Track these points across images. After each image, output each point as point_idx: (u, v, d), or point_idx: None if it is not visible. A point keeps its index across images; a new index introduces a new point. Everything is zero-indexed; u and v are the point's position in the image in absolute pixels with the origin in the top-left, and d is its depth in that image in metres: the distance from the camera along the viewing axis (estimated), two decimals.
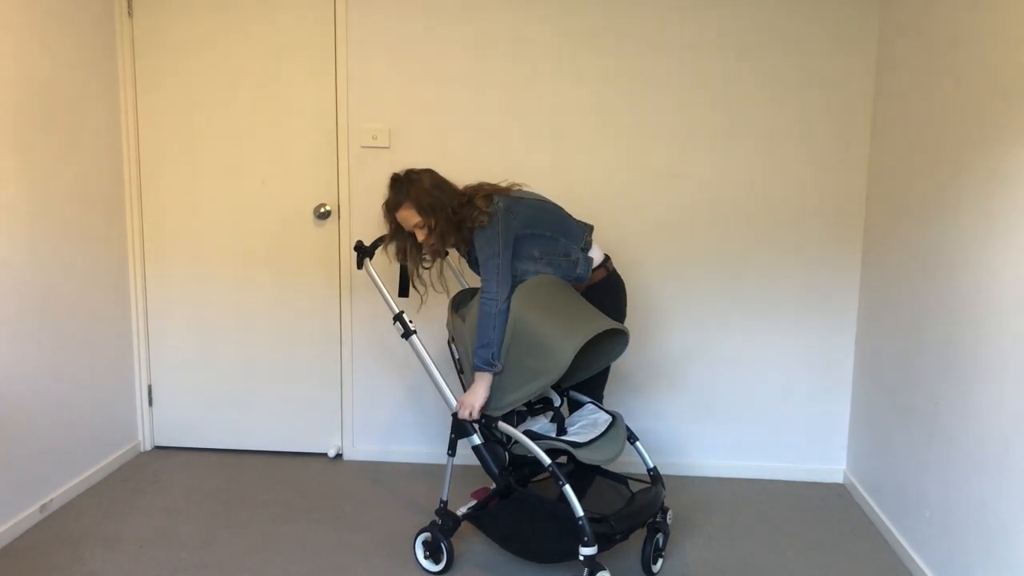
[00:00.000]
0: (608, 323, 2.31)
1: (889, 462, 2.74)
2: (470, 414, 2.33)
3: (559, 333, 2.21)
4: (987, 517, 2.05)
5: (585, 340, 2.20)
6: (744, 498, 3.06)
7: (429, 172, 2.50)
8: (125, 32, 3.19)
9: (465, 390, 2.43)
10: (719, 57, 3.04)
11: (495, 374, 2.31)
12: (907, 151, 2.66)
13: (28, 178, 2.66)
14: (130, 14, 3.20)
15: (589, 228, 2.61)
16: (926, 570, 2.40)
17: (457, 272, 2.90)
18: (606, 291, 2.60)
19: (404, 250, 2.58)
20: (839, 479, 3.23)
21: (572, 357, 2.17)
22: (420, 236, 2.50)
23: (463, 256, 2.63)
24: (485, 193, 2.44)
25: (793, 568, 2.53)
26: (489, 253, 2.35)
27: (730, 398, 3.24)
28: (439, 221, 2.43)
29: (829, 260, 3.11)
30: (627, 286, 3.07)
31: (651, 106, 3.08)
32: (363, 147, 3.19)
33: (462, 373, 2.48)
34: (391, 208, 2.49)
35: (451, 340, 2.52)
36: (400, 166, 3.16)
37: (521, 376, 2.26)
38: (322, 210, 3.24)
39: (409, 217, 2.46)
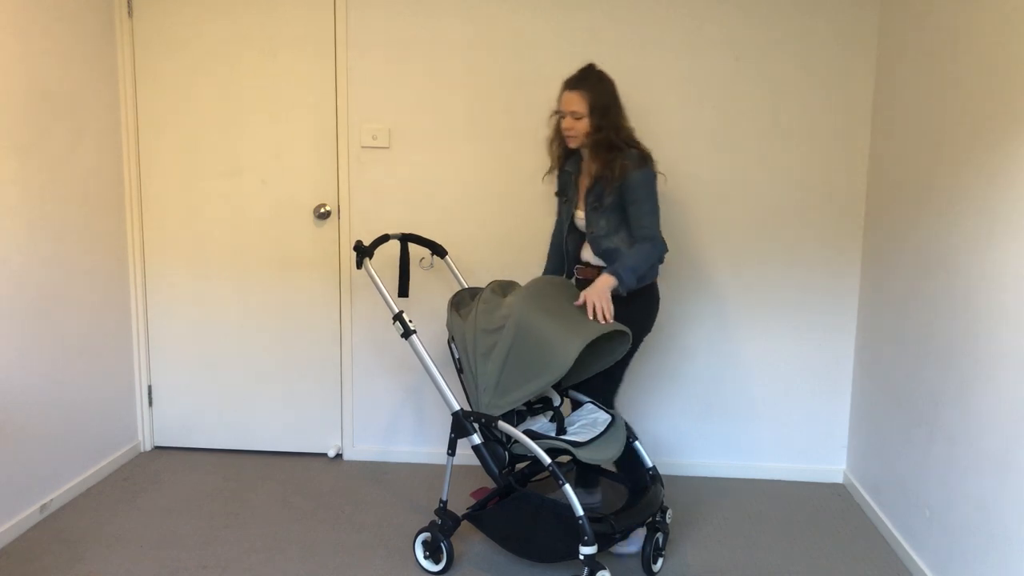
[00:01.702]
0: (611, 324, 2.31)
1: (889, 462, 2.74)
2: (604, 309, 2.30)
3: (562, 333, 2.21)
4: (987, 517, 2.05)
5: (588, 340, 2.20)
6: (744, 498, 3.06)
7: (614, 84, 2.53)
8: (125, 32, 3.20)
9: (466, 390, 2.44)
10: (719, 57, 3.04)
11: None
12: (907, 151, 2.66)
13: (28, 178, 2.66)
14: (130, 14, 3.20)
15: None
16: (926, 570, 2.40)
17: (456, 272, 2.91)
18: (652, 298, 2.57)
19: (555, 147, 2.65)
20: (839, 479, 3.23)
21: (575, 356, 2.17)
22: (567, 123, 2.49)
23: (567, 187, 2.64)
24: (642, 147, 2.48)
25: (793, 568, 2.53)
26: (650, 200, 2.41)
27: (730, 398, 3.23)
28: (598, 127, 2.44)
29: (829, 260, 3.11)
30: None
31: (651, 106, 3.08)
32: (363, 147, 3.19)
33: (462, 373, 2.48)
34: (567, 85, 2.50)
35: (451, 340, 2.52)
36: (400, 166, 3.20)
37: (523, 375, 2.26)
38: (322, 210, 3.24)
39: (574, 102, 2.46)
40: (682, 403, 3.25)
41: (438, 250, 2.91)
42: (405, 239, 2.79)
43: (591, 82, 2.47)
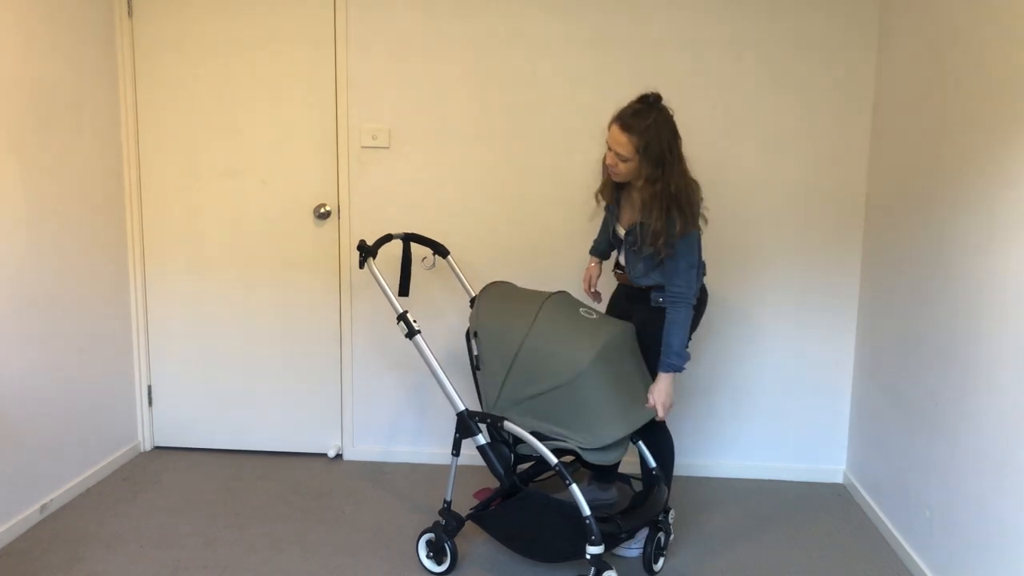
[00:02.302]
0: (657, 414, 2.33)
1: (889, 462, 2.75)
2: (666, 408, 2.33)
3: (613, 411, 2.20)
4: (987, 517, 2.06)
5: (633, 429, 2.22)
6: (744, 498, 3.07)
7: (673, 124, 2.23)
8: (125, 32, 3.19)
9: (478, 389, 2.42)
10: (719, 57, 3.05)
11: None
12: (907, 151, 2.67)
13: (28, 178, 2.65)
14: (130, 14, 3.20)
15: None
16: (926, 570, 2.41)
17: (458, 272, 2.90)
18: (700, 303, 2.52)
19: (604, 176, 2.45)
20: (839, 479, 3.24)
21: (613, 439, 2.19)
22: (610, 159, 2.28)
23: (621, 230, 2.46)
24: (692, 201, 2.27)
25: (793, 568, 2.53)
26: (690, 260, 2.27)
27: (730, 398, 3.24)
28: (657, 178, 2.20)
29: (829, 260, 3.13)
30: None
31: None
32: (363, 147, 3.19)
33: (478, 370, 2.43)
34: (616, 119, 2.24)
35: (473, 334, 2.44)
36: (400, 166, 3.19)
37: (552, 418, 2.25)
38: (322, 210, 3.23)
39: (621, 143, 2.21)
40: (683, 403, 3.25)
41: (440, 250, 2.90)
42: (408, 239, 2.79)
43: (644, 126, 2.19)
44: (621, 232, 2.49)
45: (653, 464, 2.52)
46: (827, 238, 3.11)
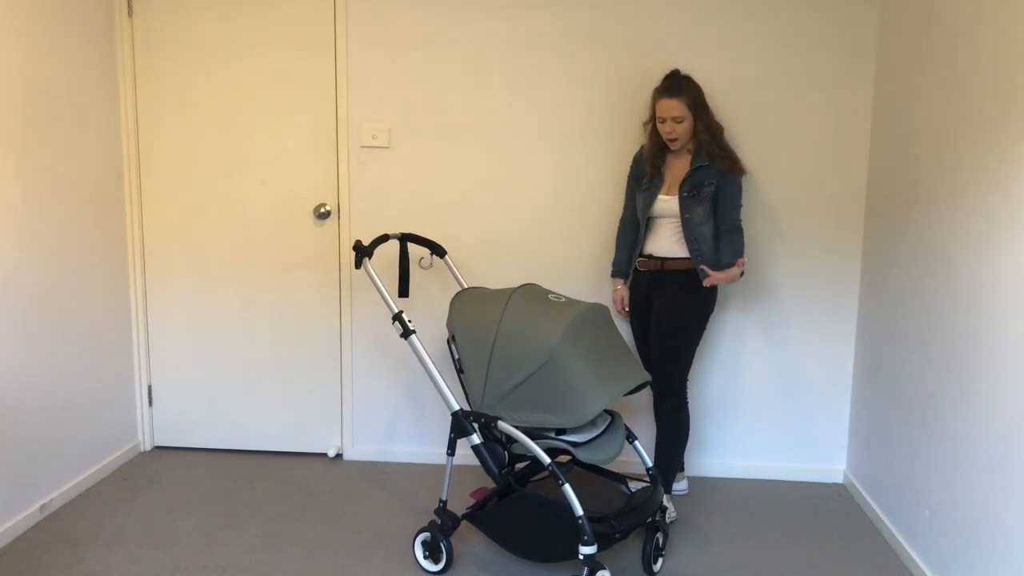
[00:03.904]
0: (640, 375, 2.35)
1: (889, 462, 2.74)
2: (719, 278, 2.59)
3: (592, 384, 2.20)
4: (987, 517, 2.05)
5: (615, 399, 2.21)
6: (744, 498, 3.06)
7: (698, 84, 2.73)
8: (125, 32, 3.20)
9: (465, 390, 2.43)
10: (719, 57, 3.04)
11: None
12: (907, 151, 2.66)
13: (28, 178, 2.66)
14: (130, 14, 3.21)
15: None
16: (926, 570, 2.40)
17: (456, 272, 2.91)
18: (714, 288, 2.81)
19: (649, 146, 2.80)
20: (839, 479, 3.23)
21: (597, 412, 2.18)
22: (668, 127, 2.68)
23: (666, 197, 2.75)
24: (735, 154, 2.75)
25: (793, 568, 2.53)
26: (739, 197, 2.72)
27: (730, 398, 3.23)
28: (704, 126, 2.68)
29: (829, 260, 3.11)
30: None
31: (649, 106, 3.07)
32: (363, 147, 3.20)
33: (462, 373, 2.48)
34: (663, 93, 2.68)
35: (451, 339, 2.52)
36: (400, 166, 3.20)
37: (536, 404, 2.25)
38: (322, 210, 3.24)
39: (674, 108, 2.65)
40: None
41: (437, 250, 2.91)
42: (404, 239, 2.79)
43: (684, 87, 2.67)
44: (666, 199, 2.75)
45: (650, 464, 2.52)
46: (827, 238, 3.10)
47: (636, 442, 2.53)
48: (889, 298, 2.78)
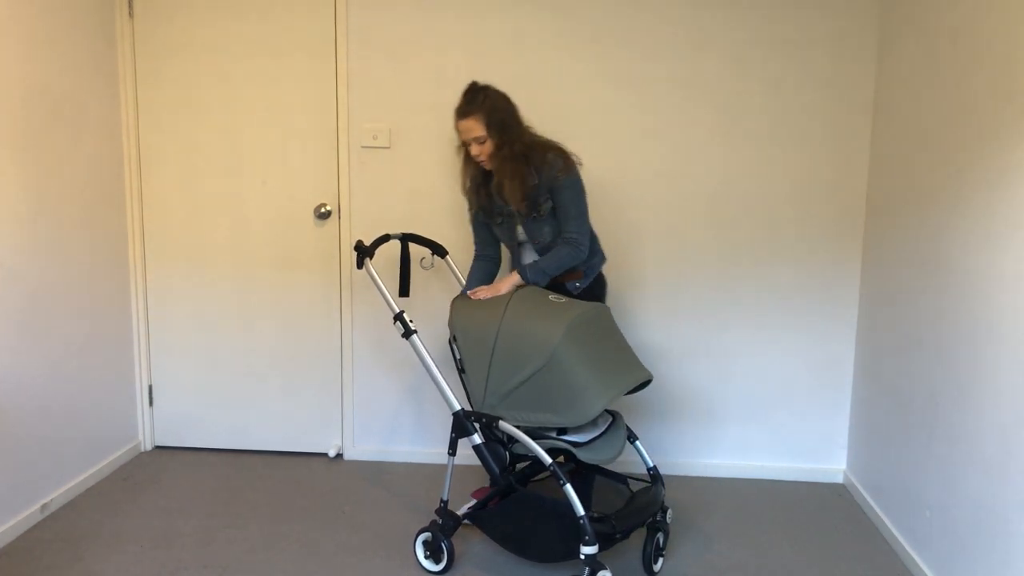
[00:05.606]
0: (641, 374, 2.34)
1: (889, 462, 2.74)
2: (481, 295, 2.46)
3: (593, 384, 2.19)
4: (987, 517, 2.06)
5: (616, 397, 2.20)
6: (744, 498, 3.06)
7: (505, 95, 2.50)
8: (125, 32, 3.20)
9: (467, 390, 2.44)
10: (719, 57, 3.04)
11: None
12: (907, 151, 2.66)
13: (28, 178, 2.66)
14: (130, 14, 3.21)
15: None
16: (926, 570, 2.40)
17: (457, 272, 2.91)
18: (599, 289, 2.65)
19: (468, 176, 2.61)
20: (839, 479, 3.23)
21: (599, 412, 2.17)
22: (475, 150, 2.48)
23: (495, 208, 2.59)
24: (558, 149, 2.47)
25: (793, 568, 2.53)
26: (580, 207, 2.46)
27: (730, 398, 3.24)
28: (503, 143, 2.43)
29: (829, 260, 3.12)
30: (627, 285, 3.09)
31: (651, 106, 3.08)
32: (363, 147, 3.20)
33: (463, 373, 2.48)
34: (459, 114, 2.47)
35: (453, 339, 2.52)
36: (400, 166, 3.20)
37: (538, 403, 2.25)
38: (322, 210, 3.24)
39: (472, 128, 2.44)
40: (682, 403, 3.25)
41: (439, 250, 2.91)
42: (406, 239, 2.79)
43: (480, 103, 2.44)
44: (520, 229, 2.59)
45: (651, 464, 2.52)
46: (827, 238, 3.10)
47: (637, 442, 2.53)
48: (889, 298, 2.78)
